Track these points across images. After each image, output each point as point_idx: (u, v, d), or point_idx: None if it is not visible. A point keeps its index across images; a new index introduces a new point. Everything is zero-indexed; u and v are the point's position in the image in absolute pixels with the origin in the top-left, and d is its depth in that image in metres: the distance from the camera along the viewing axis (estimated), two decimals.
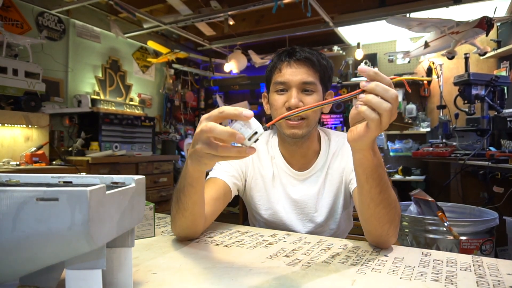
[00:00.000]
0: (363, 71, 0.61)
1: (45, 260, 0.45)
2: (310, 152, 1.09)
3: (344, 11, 3.50)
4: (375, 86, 0.60)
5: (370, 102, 0.60)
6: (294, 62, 0.99)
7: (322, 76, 1.01)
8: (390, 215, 0.76)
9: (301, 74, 0.98)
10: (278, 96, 1.01)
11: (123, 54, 3.94)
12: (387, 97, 0.60)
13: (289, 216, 1.09)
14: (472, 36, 2.89)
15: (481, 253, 1.58)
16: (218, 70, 4.85)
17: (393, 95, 0.60)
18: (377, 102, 0.60)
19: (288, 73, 0.98)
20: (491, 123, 2.47)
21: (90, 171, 2.71)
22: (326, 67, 1.02)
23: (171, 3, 3.24)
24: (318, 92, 1.00)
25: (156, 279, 0.61)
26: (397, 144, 3.88)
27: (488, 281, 0.61)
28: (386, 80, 0.61)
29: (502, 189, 1.93)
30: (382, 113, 0.60)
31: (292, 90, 0.98)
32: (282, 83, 0.99)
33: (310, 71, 0.98)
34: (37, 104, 2.65)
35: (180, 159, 4.45)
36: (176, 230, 0.85)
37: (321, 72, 1.00)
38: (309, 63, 0.98)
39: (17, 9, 2.92)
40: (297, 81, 0.98)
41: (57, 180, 0.58)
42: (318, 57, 1.00)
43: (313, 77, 0.98)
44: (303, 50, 1.00)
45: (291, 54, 1.00)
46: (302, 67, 0.98)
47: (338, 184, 1.07)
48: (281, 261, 0.71)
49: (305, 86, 0.98)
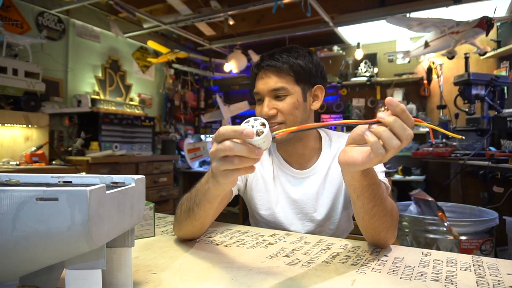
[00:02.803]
0: (391, 104, 0.56)
1: (45, 260, 0.45)
2: (307, 151, 1.09)
3: (344, 11, 3.50)
4: (393, 121, 0.56)
5: (381, 136, 0.57)
6: (261, 73, 1.02)
7: (297, 77, 1.01)
8: (386, 224, 0.77)
9: (268, 82, 1.00)
10: (257, 106, 1.06)
11: (123, 54, 3.94)
12: (402, 136, 0.56)
13: (288, 216, 1.09)
14: (472, 36, 2.89)
15: (481, 253, 1.58)
16: (218, 70, 4.85)
17: (409, 136, 0.56)
18: (388, 138, 0.56)
19: (259, 83, 1.02)
20: (491, 123, 2.47)
21: (90, 171, 2.70)
22: (303, 66, 1.01)
23: (171, 3, 3.23)
24: (293, 94, 1.00)
25: (156, 279, 0.61)
26: None
27: (488, 281, 0.61)
28: (410, 120, 0.56)
29: (502, 189, 1.93)
30: (389, 150, 0.57)
31: (265, 100, 1.01)
32: (257, 93, 1.04)
33: (278, 77, 1.00)
34: (37, 104, 2.65)
35: (180, 159, 4.46)
36: (179, 233, 0.87)
37: (294, 74, 1.00)
38: (274, 70, 1.00)
39: (17, 9, 2.92)
40: (266, 89, 1.00)
41: (57, 180, 0.58)
42: (289, 59, 0.99)
43: (282, 82, 0.99)
44: (271, 56, 1.01)
45: (258, 65, 1.03)
46: (268, 76, 1.01)
47: (338, 185, 1.08)
48: (281, 261, 0.71)
49: (276, 93, 1.00)
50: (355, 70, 4.28)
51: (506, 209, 1.92)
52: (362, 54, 4.08)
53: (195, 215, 0.79)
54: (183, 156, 4.44)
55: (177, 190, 3.70)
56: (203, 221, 0.81)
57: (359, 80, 4.17)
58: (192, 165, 4.43)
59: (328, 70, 4.39)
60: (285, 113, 1.00)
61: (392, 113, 0.57)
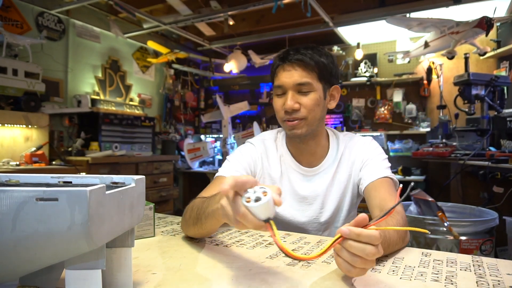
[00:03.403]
0: (345, 234, 0.55)
1: (45, 260, 0.45)
2: (318, 149, 1.10)
3: (344, 11, 3.50)
4: (349, 246, 0.55)
5: (342, 256, 0.57)
6: (287, 65, 1.00)
7: (320, 74, 1.01)
8: (398, 246, 0.79)
9: (294, 76, 0.99)
10: (277, 99, 1.04)
11: (123, 54, 3.94)
12: (362, 255, 0.54)
13: (295, 213, 1.09)
14: (472, 36, 2.89)
15: (481, 253, 1.58)
16: (218, 70, 4.84)
17: (370, 254, 0.54)
18: (350, 259, 0.56)
19: (283, 76, 1.01)
20: (491, 123, 2.47)
21: (90, 171, 2.70)
22: (325, 64, 1.01)
23: (171, 3, 3.23)
24: (317, 91, 1.01)
25: (156, 279, 0.61)
26: (397, 144, 3.88)
27: (488, 281, 0.61)
28: (370, 238, 0.54)
29: (502, 189, 1.93)
30: (356, 267, 0.56)
31: (288, 93, 1.00)
32: (279, 86, 1.02)
33: (304, 71, 0.99)
34: (36, 104, 2.65)
35: (180, 159, 4.46)
36: (186, 233, 0.90)
37: (318, 71, 1.00)
38: (302, 64, 0.99)
39: (17, 9, 2.92)
40: (291, 83, 0.99)
41: (57, 180, 0.58)
42: (314, 56, 1.00)
43: (308, 77, 0.99)
44: (297, 51, 1.00)
45: (284, 58, 1.01)
46: (295, 69, 0.99)
47: (345, 183, 1.09)
48: (281, 261, 0.71)
49: (301, 87, 0.99)
50: (355, 70, 4.28)
51: (506, 209, 1.92)
52: (362, 54, 4.07)
53: (202, 225, 0.79)
54: (183, 156, 4.44)
55: (177, 190, 3.70)
56: (209, 230, 0.82)
57: (359, 80, 4.17)
58: (192, 165, 4.43)
59: None
60: (308, 108, 1.00)
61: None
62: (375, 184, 0.99)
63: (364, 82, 4.15)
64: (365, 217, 0.56)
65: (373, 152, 1.07)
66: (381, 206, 0.92)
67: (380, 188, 0.97)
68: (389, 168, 1.04)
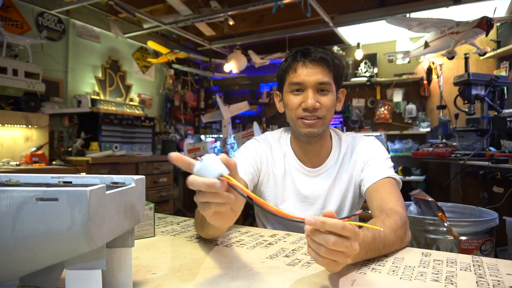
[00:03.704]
0: (309, 223, 0.54)
1: (45, 260, 0.45)
2: (323, 150, 1.10)
3: (344, 11, 3.50)
4: (311, 233, 0.55)
5: (310, 244, 0.56)
6: (309, 63, 0.99)
7: (336, 76, 1.02)
8: (396, 246, 0.79)
9: (316, 74, 0.98)
10: (293, 97, 1.02)
11: (123, 54, 3.94)
12: (326, 244, 0.53)
13: (296, 213, 1.09)
14: (472, 36, 2.89)
15: (481, 253, 1.58)
16: (218, 70, 4.84)
17: (331, 243, 0.52)
18: (315, 247, 0.55)
19: (304, 73, 0.99)
20: (491, 123, 2.46)
21: (90, 171, 2.70)
22: (339, 66, 1.02)
23: (171, 3, 3.23)
24: (333, 92, 1.01)
25: (156, 279, 0.61)
26: (397, 144, 3.88)
27: (488, 281, 0.61)
28: (334, 227, 0.52)
29: (502, 189, 1.93)
30: (323, 256, 0.54)
31: (308, 91, 0.99)
32: (298, 83, 1.00)
33: (325, 71, 0.99)
34: (37, 104, 2.65)
35: None
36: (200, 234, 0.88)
37: (334, 72, 1.01)
38: (324, 63, 0.98)
39: (17, 9, 2.92)
40: (313, 81, 0.98)
41: (57, 180, 0.58)
42: (332, 57, 1.00)
43: (328, 77, 0.99)
44: (317, 50, 1.00)
45: (306, 55, 0.99)
46: (317, 67, 0.98)
47: (347, 183, 1.09)
48: (281, 261, 0.71)
49: (321, 87, 0.99)
50: (355, 70, 4.28)
51: (506, 209, 1.92)
52: (362, 54, 4.08)
53: (208, 232, 0.80)
54: None
55: (177, 190, 3.70)
56: (215, 233, 0.82)
57: (359, 80, 4.17)
58: None
59: None
60: (326, 109, 1.00)
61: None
62: (376, 185, 0.98)
63: (364, 82, 4.15)
64: (332, 212, 0.55)
65: (374, 152, 1.07)
66: (381, 206, 0.91)
67: (381, 189, 0.97)
68: (392, 167, 1.04)
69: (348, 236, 0.53)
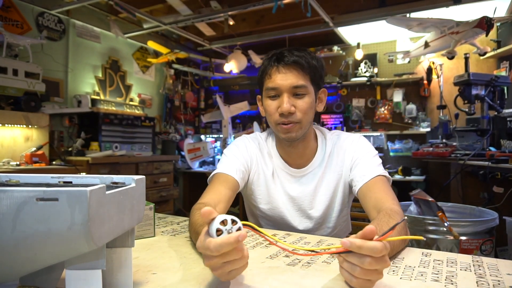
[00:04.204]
0: (344, 245, 0.54)
1: (45, 260, 0.45)
2: (307, 151, 1.10)
3: (344, 11, 3.50)
4: (347, 258, 0.55)
5: (343, 265, 0.57)
6: (282, 67, 0.98)
7: (313, 77, 1.00)
8: (400, 249, 0.79)
9: (291, 78, 0.97)
10: (270, 102, 1.01)
11: (123, 54, 3.94)
12: (361, 265, 0.53)
13: (288, 212, 1.10)
14: (472, 36, 2.89)
15: (481, 253, 1.58)
16: (218, 70, 4.85)
17: (367, 264, 0.52)
18: (348, 267, 0.55)
19: (278, 78, 0.98)
20: (491, 123, 2.47)
21: (90, 171, 2.70)
22: (317, 67, 1.00)
23: (171, 3, 3.23)
24: (310, 94, 1.00)
25: (156, 279, 0.61)
26: (397, 144, 3.88)
27: (488, 281, 0.61)
28: (370, 250, 0.52)
29: (502, 189, 1.93)
30: (358, 277, 0.54)
31: (283, 96, 0.98)
32: (273, 88, 0.99)
33: (299, 74, 0.98)
34: (37, 104, 2.65)
35: (180, 159, 4.45)
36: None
37: (311, 74, 0.99)
38: (298, 67, 0.97)
39: (17, 9, 2.92)
40: (288, 85, 0.97)
41: (57, 180, 0.58)
42: (308, 58, 0.99)
43: (303, 80, 0.98)
44: (291, 53, 0.98)
45: (280, 59, 0.98)
46: (291, 71, 0.97)
47: (335, 183, 1.08)
48: (281, 261, 0.71)
49: (296, 90, 0.98)
50: (355, 70, 4.28)
51: (506, 209, 1.92)
52: (362, 54, 4.07)
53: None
54: (183, 156, 4.44)
55: (177, 190, 3.70)
56: None
57: (359, 80, 4.17)
58: (192, 165, 4.43)
59: (328, 70, 4.39)
60: (302, 112, 0.99)
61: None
62: (368, 185, 0.98)
63: (364, 82, 4.15)
64: (372, 229, 0.53)
65: (362, 150, 1.06)
66: (377, 206, 0.91)
67: (374, 188, 0.96)
68: (381, 164, 1.03)
69: (381, 255, 0.52)
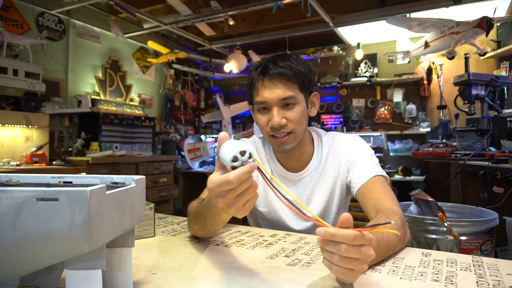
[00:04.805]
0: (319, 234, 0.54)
1: (45, 260, 0.45)
2: (303, 156, 1.10)
3: (344, 11, 3.50)
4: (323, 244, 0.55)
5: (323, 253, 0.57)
6: (268, 81, 0.96)
7: (301, 85, 0.99)
8: (399, 247, 0.79)
9: (278, 91, 0.96)
10: (261, 115, 1.01)
11: (123, 54, 3.94)
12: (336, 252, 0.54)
13: (285, 215, 1.10)
14: (472, 36, 2.89)
15: (481, 253, 1.58)
16: (218, 70, 4.85)
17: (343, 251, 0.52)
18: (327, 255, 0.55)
19: (265, 92, 0.97)
20: (491, 123, 2.46)
21: (90, 171, 2.70)
22: (304, 73, 0.98)
23: (171, 3, 3.23)
24: (300, 102, 0.99)
25: (156, 279, 0.61)
26: (397, 144, 3.88)
27: (488, 281, 0.61)
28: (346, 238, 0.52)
29: (502, 189, 1.93)
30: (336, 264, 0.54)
31: (273, 109, 0.97)
32: (262, 102, 0.98)
33: (286, 85, 0.96)
34: (37, 104, 2.65)
35: (180, 159, 4.46)
36: (192, 232, 0.90)
37: (299, 82, 0.98)
38: (284, 78, 0.96)
39: (17, 9, 2.92)
40: (275, 99, 0.96)
41: (57, 180, 0.58)
42: (294, 66, 0.97)
43: (291, 91, 0.96)
44: (275, 64, 0.96)
45: (264, 72, 0.97)
46: (277, 84, 0.96)
47: (332, 185, 1.08)
48: (281, 261, 0.71)
49: (285, 102, 0.97)
50: (355, 70, 4.28)
51: (506, 209, 1.92)
52: (362, 54, 4.07)
53: (206, 226, 0.80)
54: (183, 156, 4.44)
55: (177, 190, 3.70)
56: (214, 231, 0.84)
57: (359, 80, 4.17)
58: (192, 165, 4.43)
59: (328, 70, 4.39)
60: (294, 122, 0.98)
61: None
62: (366, 186, 0.98)
63: (364, 82, 4.15)
64: (347, 216, 0.54)
65: (358, 151, 1.06)
66: (376, 207, 0.91)
67: (372, 189, 0.96)
68: (378, 164, 1.03)
69: (361, 244, 0.52)
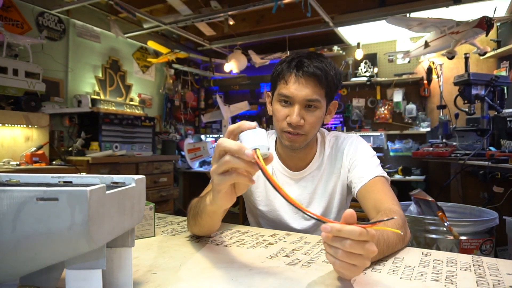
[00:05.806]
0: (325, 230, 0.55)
1: (45, 260, 0.45)
2: (308, 156, 1.10)
3: (344, 11, 3.50)
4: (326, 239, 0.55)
5: (328, 250, 0.57)
6: (301, 77, 0.95)
7: (328, 91, 0.98)
8: (398, 247, 0.79)
9: (306, 90, 0.94)
10: (281, 108, 0.99)
11: (123, 54, 3.94)
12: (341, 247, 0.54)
13: (286, 213, 1.10)
14: (472, 36, 2.89)
15: (481, 253, 1.58)
16: (218, 70, 4.84)
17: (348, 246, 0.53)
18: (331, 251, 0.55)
19: (294, 87, 0.95)
20: (491, 123, 2.47)
21: (90, 171, 2.70)
22: (334, 80, 0.98)
23: (171, 3, 3.23)
24: (322, 108, 0.98)
25: (156, 279, 0.61)
26: (397, 144, 3.88)
27: (488, 281, 0.61)
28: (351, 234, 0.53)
29: (502, 189, 1.93)
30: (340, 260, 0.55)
31: (295, 106, 0.95)
32: (286, 96, 0.96)
33: (316, 87, 0.95)
34: (37, 104, 2.65)
35: (180, 159, 4.45)
36: (191, 231, 0.91)
37: (327, 88, 0.97)
38: (316, 79, 0.94)
39: (17, 9, 2.92)
40: (302, 97, 0.95)
41: (57, 180, 0.58)
42: (326, 70, 0.95)
43: (318, 94, 0.95)
44: (312, 62, 0.95)
45: (299, 67, 0.95)
46: (308, 83, 0.95)
47: (333, 185, 1.09)
48: (281, 261, 0.71)
49: (309, 103, 0.96)
50: (355, 70, 4.28)
51: (506, 209, 1.92)
52: (362, 54, 4.07)
53: (200, 224, 0.82)
54: (183, 156, 4.44)
55: (177, 190, 3.70)
56: (208, 229, 0.85)
57: (359, 80, 4.17)
58: (192, 165, 4.43)
59: None
60: (311, 126, 0.97)
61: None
62: (367, 186, 0.98)
63: (364, 82, 4.15)
64: (352, 212, 0.54)
65: (360, 151, 1.06)
66: (376, 207, 0.91)
67: (373, 189, 0.96)
68: (379, 165, 1.03)
69: (365, 240, 0.53)
